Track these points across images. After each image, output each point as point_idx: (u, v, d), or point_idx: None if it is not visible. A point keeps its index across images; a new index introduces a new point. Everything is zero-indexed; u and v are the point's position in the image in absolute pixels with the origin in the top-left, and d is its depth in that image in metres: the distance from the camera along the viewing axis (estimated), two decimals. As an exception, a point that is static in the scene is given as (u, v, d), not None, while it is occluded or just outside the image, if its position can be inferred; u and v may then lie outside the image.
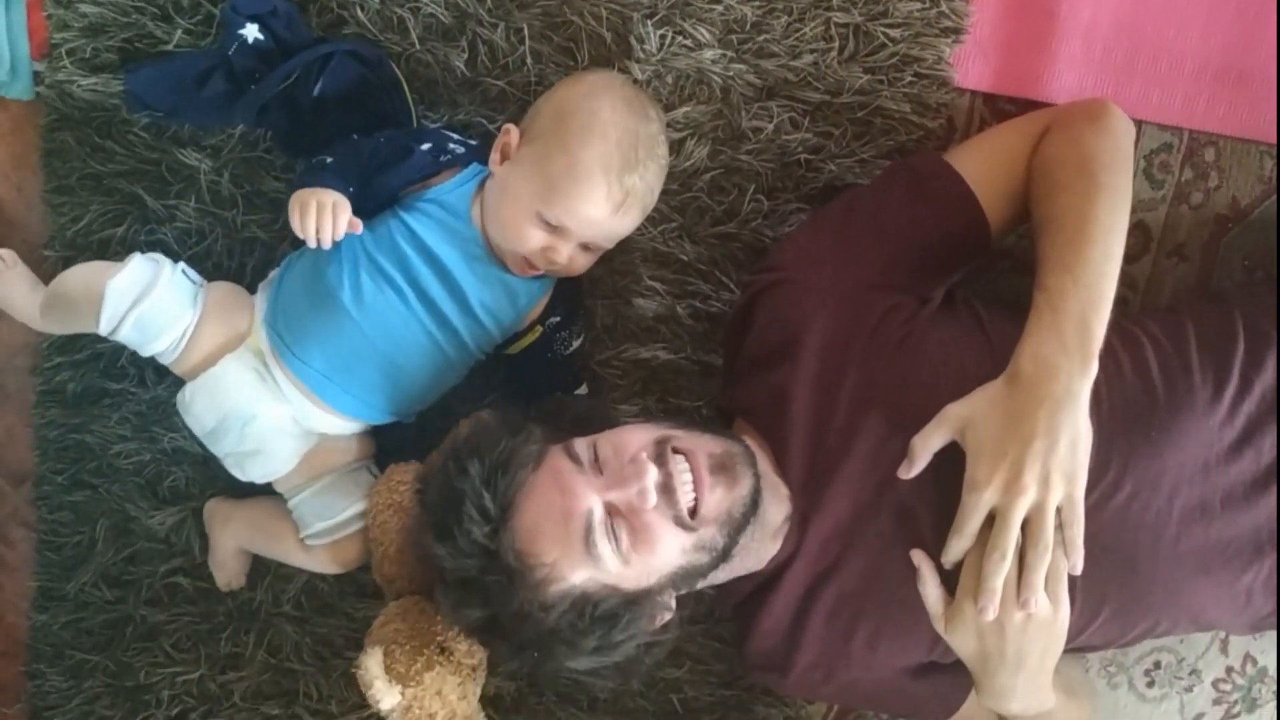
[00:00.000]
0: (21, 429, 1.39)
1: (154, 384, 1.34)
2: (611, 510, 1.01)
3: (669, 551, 1.02)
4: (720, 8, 1.26)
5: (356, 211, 1.18)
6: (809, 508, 1.11)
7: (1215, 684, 1.46)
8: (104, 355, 1.34)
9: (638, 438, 1.05)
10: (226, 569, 1.36)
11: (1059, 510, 1.01)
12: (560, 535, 1.00)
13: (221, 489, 1.36)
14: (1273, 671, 1.46)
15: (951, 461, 1.04)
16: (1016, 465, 1.00)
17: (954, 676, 1.17)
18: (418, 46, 1.27)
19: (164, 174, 1.31)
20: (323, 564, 1.26)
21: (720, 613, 1.38)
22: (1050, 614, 1.02)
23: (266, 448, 1.21)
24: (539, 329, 1.25)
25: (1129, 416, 1.08)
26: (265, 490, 1.29)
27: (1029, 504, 1.00)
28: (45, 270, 1.30)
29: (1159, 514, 1.08)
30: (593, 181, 1.13)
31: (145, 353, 1.22)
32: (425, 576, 1.22)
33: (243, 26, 1.22)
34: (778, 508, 1.11)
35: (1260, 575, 1.12)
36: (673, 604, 1.09)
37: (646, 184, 1.17)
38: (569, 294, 1.28)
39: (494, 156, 1.20)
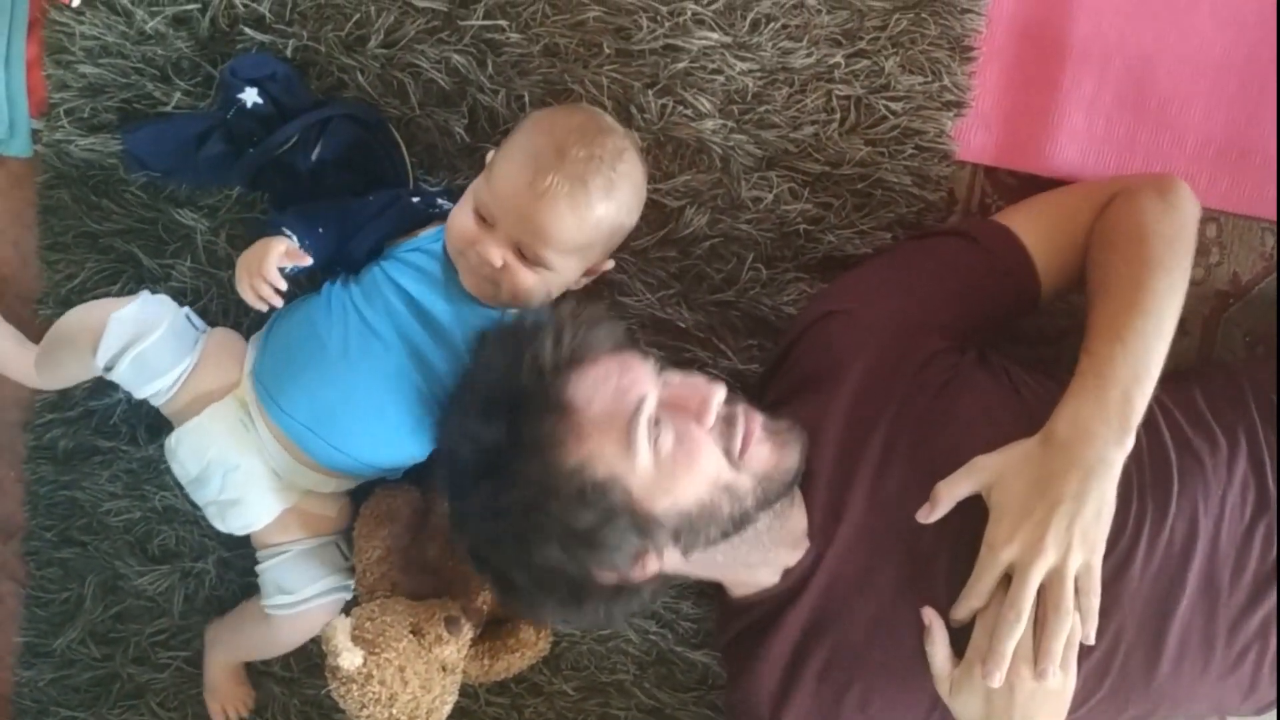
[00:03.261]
0: (12, 484, 1.38)
1: (145, 442, 1.34)
2: (666, 412, 1.01)
3: (703, 474, 1.01)
4: (721, 78, 1.26)
5: (346, 268, 1.18)
6: (824, 543, 1.10)
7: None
8: (96, 413, 1.34)
9: (710, 383, 1.05)
10: (218, 693, 1.35)
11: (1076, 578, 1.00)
12: (612, 403, 1.00)
13: (210, 548, 1.35)
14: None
15: (974, 515, 1.03)
16: (1040, 526, 0.99)
17: None
18: (417, 111, 1.27)
19: (160, 233, 1.30)
20: (277, 636, 1.26)
21: (713, 648, 1.35)
22: (1061, 683, 1.01)
23: (246, 498, 1.20)
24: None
25: (1144, 483, 1.07)
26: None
27: (1048, 567, 0.99)
28: (39, 327, 1.29)
29: (1172, 585, 1.06)
30: (519, 162, 1.09)
31: (138, 394, 1.21)
32: (407, 586, 1.24)
33: (241, 90, 1.22)
34: (799, 516, 1.10)
35: (1265, 661, 1.10)
36: (665, 558, 1.04)
37: (583, 188, 1.08)
38: None
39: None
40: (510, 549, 1.03)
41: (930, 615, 1.05)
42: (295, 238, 1.15)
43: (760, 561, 1.10)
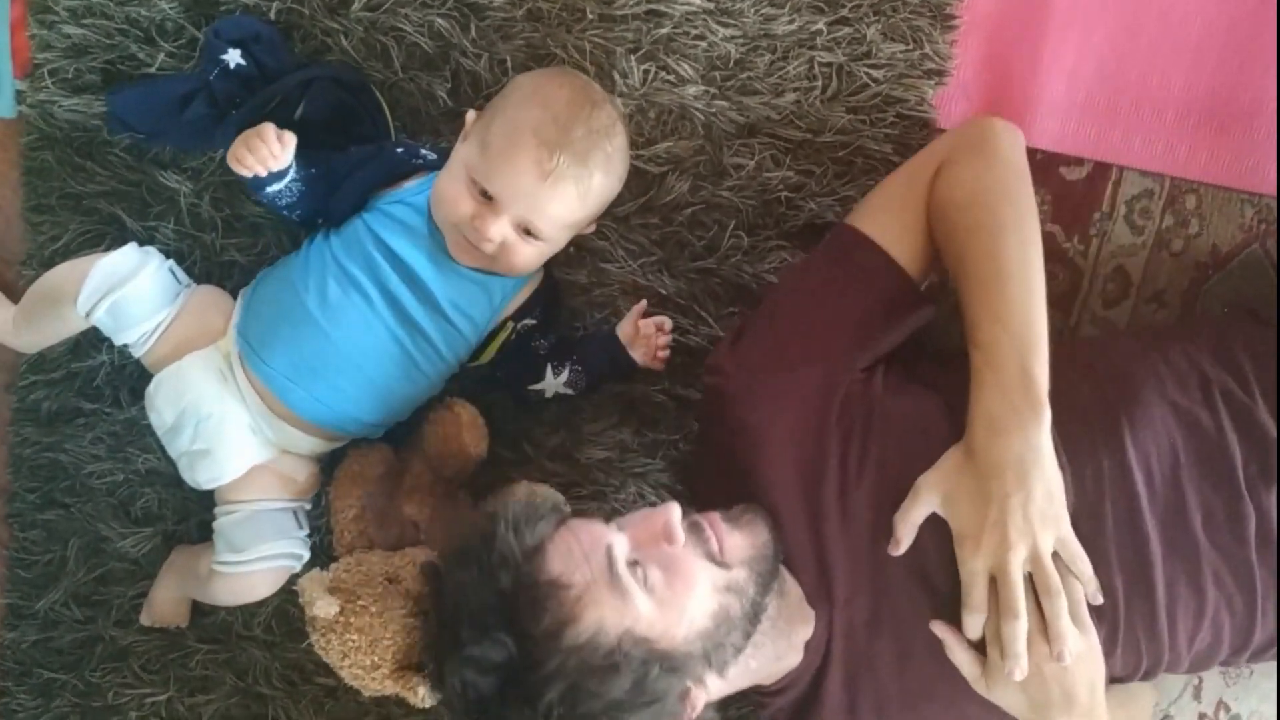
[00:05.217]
0: (-5, 446, 1.39)
1: (128, 404, 1.34)
2: (638, 551, 1.00)
3: (702, 587, 1.00)
4: (704, 44, 1.27)
5: (327, 219, 1.19)
6: (827, 604, 1.10)
7: (1188, 729, 1.46)
8: (79, 375, 1.34)
9: (662, 506, 1.04)
10: (154, 610, 1.36)
11: (1056, 555, 1.01)
12: (587, 565, 0.98)
13: (193, 512, 1.36)
14: (1245, 718, 1.45)
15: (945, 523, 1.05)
16: (999, 527, 1.00)
17: None
18: (401, 75, 1.27)
19: (144, 195, 1.31)
20: (219, 593, 1.26)
21: None
22: (1084, 646, 1.02)
23: (216, 450, 1.20)
24: (510, 325, 1.24)
25: (1095, 441, 1.08)
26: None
27: (1022, 557, 1.00)
28: (22, 289, 1.30)
29: (1138, 531, 1.07)
30: (521, 145, 1.09)
31: (118, 340, 1.22)
32: (384, 541, 1.24)
33: (225, 52, 1.23)
34: (793, 586, 1.10)
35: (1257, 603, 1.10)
36: (708, 685, 1.02)
37: (586, 167, 1.11)
38: (547, 301, 1.27)
39: (458, 142, 1.18)
40: None
41: (941, 629, 1.06)
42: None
43: (786, 648, 1.10)
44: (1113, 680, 1.14)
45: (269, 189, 1.16)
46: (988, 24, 1.30)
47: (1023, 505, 1.00)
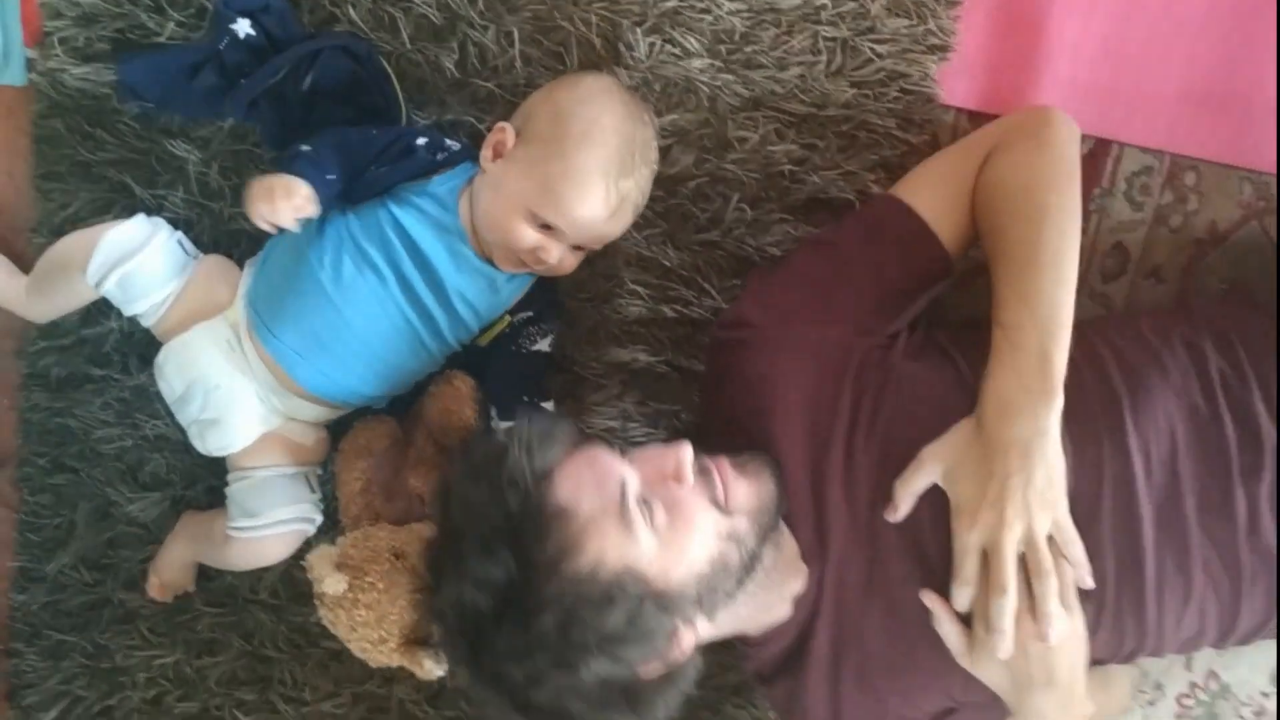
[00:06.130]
0: (5, 411, 1.40)
1: (137, 371, 1.36)
2: (647, 487, 1.01)
3: (704, 532, 1.02)
4: (710, 18, 1.27)
5: (346, 199, 1.19)
6: (821, 562, 1.12)
7: (1179, 699, 1.48)
8: (89, 341, 1.36)
9: (675, 445, 1.05)
10: (162, 573, 1.38)
11: (1051, 539, 1.03)
12: (597, 497, 0.99)
13: (200, 477, 1.38)
14: (1235, 688, 1.48)
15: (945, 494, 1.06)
16: (998, 504, 1.01)
17: (990, 706, 1.16)
18: (408, 46, 1.28)
19: (153, 164, 1.31)
20: (235, 558, 1.28)
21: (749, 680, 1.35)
22: (1071, 628, 1.03)
23: (226, 418, 1.22)
24: (507, 319, 1.26)
25: (1098, 428, 1.09)
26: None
27: (1017, 537, 1.01)
28: (32, 257, 1.31)
29: (1132, 518, 1.08)
30: (591, 187, 1.14)
31: (127, 311, 1.24)
32: (390, 514, 1.25)
33: (234, 21, 1.23)
34: (790, 541, 1.12)
35: (1242, 588, 1.11)
36: (697, 627, 1.04)
37: (640, 188, 1.20)
38: (545, 295, 1.29)
39: (485, 153, 1.21)
40: (555, 679, 0.98)
41: (930, 599, 1.07)
42: (310, 185, 1.15)
43: (776, 600, 1.12)
44: (1094, 662, 1.15)
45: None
46: (991, 0, 1.30)
47: (1023, 486, 1.01)
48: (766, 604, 1.11)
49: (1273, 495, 1.10)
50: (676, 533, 1.00)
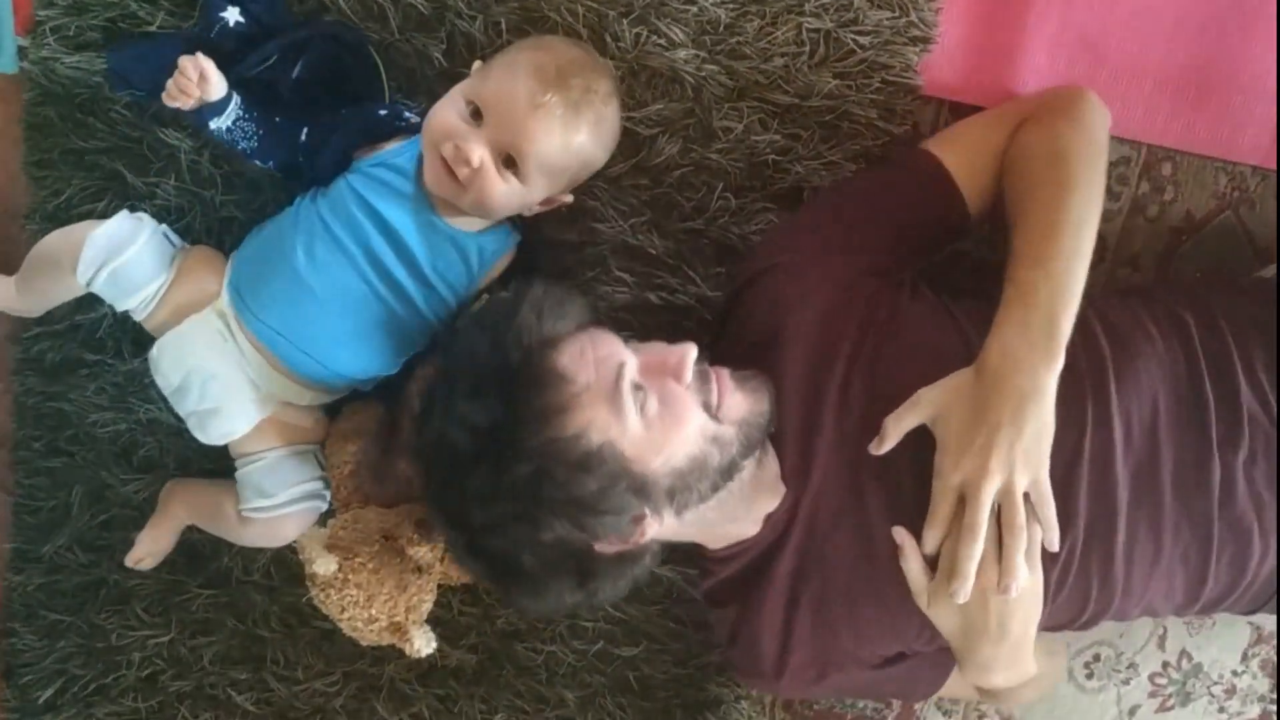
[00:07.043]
0: (0, 396, 1.42)
1: (131, 356, 1.37)
2: (644, 376, 1.04)
3: (690, 429, 1.04)
4: (694, 9, 1.29)
5: (314, 179, 1.22)
6: (800, 486, 1.14)
7: (1152, 678, 1.52)
8: (83, 327, 1.37)
9: (681, 343, 1.08)
10: (149, 541, 1.38)
11: (1026, 497, 1.04)
12: (594, 372, 1.02)
13: (193, 460, 1.40)
14: (1206, 667, 1.51)
15: (932, 439, 1.08)
16: (984, 452, 1.03)
17: (937, 656, 1.20)
18: (396, 36, 1.29)
19: (145, 152, 1.33)
20: (253, 538, 1.31)
21: (698, 595, 1.38)
22: (1030, 584, 1.05)
23: (225, 407, 1.24)
24: (485, 297, 1.27)
25: (1082, 390, 1.11)
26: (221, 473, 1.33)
27: (996, 487, 1.03)
28: (25, 243, 1.33)
29: (1109, 481, 1.11)
30: (519, 73, 1.12)
31: (119, 307, 1.25)
32: (380, 497, 1.27)
33: (224, 9, 1.25)
34: (773, 461, 1.14)
35: (1210, 556, 1.14)
36: (663, 518, 1.06)
37: (576, 117, 1.13)
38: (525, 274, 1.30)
39: None
40: (515, 530, 1.03)
41: (902, 535, 1.09)
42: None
43: (745, 513, 1.14)
44: (1055, 626, 1.19)
45: (212, 124, 1.19)
46: (972, -8, 1.32)
47: (1011, 439, 1.03)
48: (735, 514, 1.13)
49: (1249, 466, 1.12)
50: (664, 424, 1.03)
